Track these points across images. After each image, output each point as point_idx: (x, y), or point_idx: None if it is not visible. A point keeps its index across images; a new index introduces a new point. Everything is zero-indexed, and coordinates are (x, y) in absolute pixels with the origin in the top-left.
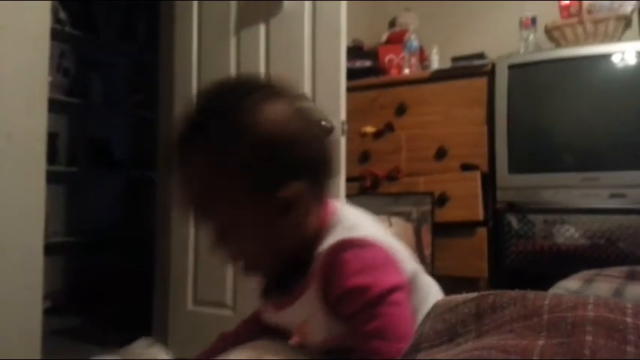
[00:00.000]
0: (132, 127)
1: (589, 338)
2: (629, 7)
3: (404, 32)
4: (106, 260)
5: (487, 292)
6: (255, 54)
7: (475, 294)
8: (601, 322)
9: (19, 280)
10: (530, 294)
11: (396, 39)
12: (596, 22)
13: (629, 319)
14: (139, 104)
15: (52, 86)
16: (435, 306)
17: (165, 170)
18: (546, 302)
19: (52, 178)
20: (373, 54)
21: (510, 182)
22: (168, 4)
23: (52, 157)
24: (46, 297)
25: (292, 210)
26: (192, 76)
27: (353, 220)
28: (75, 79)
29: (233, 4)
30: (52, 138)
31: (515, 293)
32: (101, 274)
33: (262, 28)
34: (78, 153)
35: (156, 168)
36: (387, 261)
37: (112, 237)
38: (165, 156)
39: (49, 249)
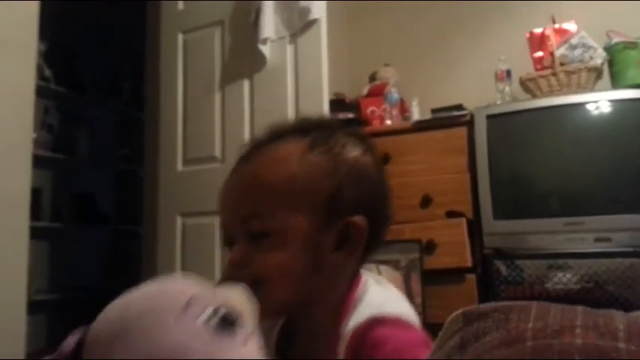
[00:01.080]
0: (117, 182)
1: None
2: (598, 60)
3: (384, 85)
4: (91, 317)
5: (472, 318)
6: (240, 108)
7: (461, 324)
8: (591, 351)
9: (1, 340)
10: (515, 315)
11: (377, 92)
12: (568, 73)
13: (621, 345)
14: (124, 158)
15: (36, 142)
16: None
17: (152, 223)
18: (530, 326)
19: (35, 234)
20: (355, 106)
21: (496, 228)
22: (153, 61)
23: (35, 212)
24: (28, 357)
25: (345, 246)
26: (177, 130)
27: (381, 296)
28: (59, 135)
29: (217, 61)
30: (35, 194)
31: (498, 315)
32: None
33: (246, 83)
34: (62, 208)
35: (141, 222)
36: (421, 344)
37: (97, 293)
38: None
39: (32, 307)
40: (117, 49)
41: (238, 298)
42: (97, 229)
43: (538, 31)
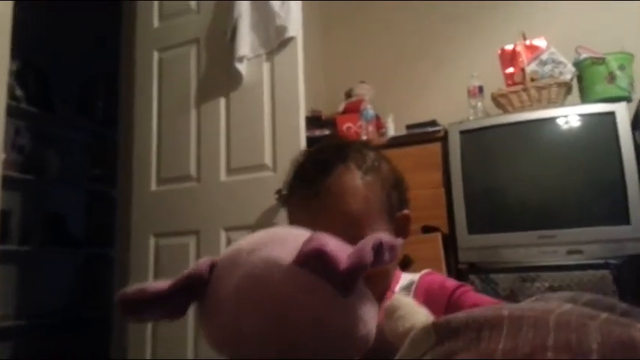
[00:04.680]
0: (89, 203)
1: None
2: (568, 75)
3: (360, 102)
4: (59, 343)
5: (443, 335)
6: (216, 126)
7: (433, 341)
8: None
9: None
10: (486, 332)
11: (353, 108)
12: (539, 88)
13: None
14: (97, 179)
15: (6, 163)
16: None
17: (124, 246)
18: (500, 347)
19: (2, 257)
20: (331, 123)
21: (471, 243)
22: (128, 80)
23: (3, 235)
24: None
25: (402, 234)
26: (151, 149)
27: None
28: (30, 156)
29: (193, 79)
30: (4, 216)
31: (470, 333)
32: (54, 358)
33: (222, 101)
34: (32, 231)
35: (113, 244)
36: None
37: (67, 318)
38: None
39: None
40: (91, 68)
41: None
42: (68, 252)
43: (509, 47)
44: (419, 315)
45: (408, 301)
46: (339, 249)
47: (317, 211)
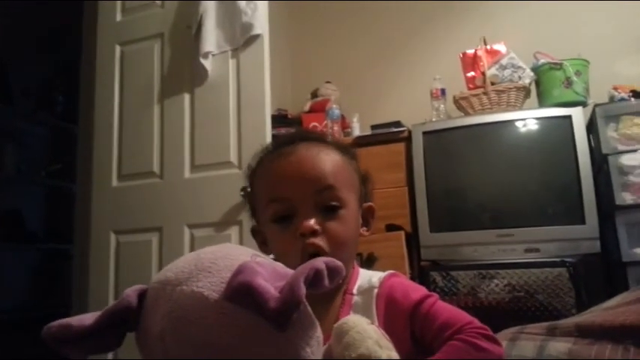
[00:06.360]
0: (47, 198)
1: None
2: (527, 79)
3: (326, 102)
4: (16, 341)
5: None
6: (180, 122)
7: None
8: None
9: None
10: None
11: (319, 108)
12: (499, 92)
13: None
14: (56, 174)
15: None
16: None
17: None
18: None
19: None
20: (297, 122)
21: (432, 241)
22: (89, 74)
23: None
24: None
25: (367, 224)
26: (112, 144)
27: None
28: None
29: (157, 74)
30: None
31: None
32: (11, 356)
33: (187, 97)
34: None
35: (72, 241)
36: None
37: (24, 316)
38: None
39: None
40: (52, 61)
41: None
42: (25, 248)
43: (470, 52)
44: (367, 341)
45: (357, 322)
46: (270, 279)
47: (291, 172)
